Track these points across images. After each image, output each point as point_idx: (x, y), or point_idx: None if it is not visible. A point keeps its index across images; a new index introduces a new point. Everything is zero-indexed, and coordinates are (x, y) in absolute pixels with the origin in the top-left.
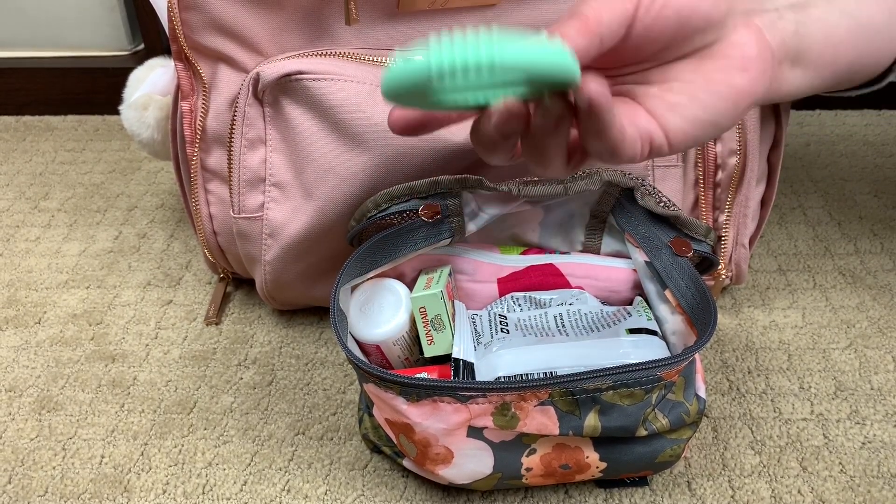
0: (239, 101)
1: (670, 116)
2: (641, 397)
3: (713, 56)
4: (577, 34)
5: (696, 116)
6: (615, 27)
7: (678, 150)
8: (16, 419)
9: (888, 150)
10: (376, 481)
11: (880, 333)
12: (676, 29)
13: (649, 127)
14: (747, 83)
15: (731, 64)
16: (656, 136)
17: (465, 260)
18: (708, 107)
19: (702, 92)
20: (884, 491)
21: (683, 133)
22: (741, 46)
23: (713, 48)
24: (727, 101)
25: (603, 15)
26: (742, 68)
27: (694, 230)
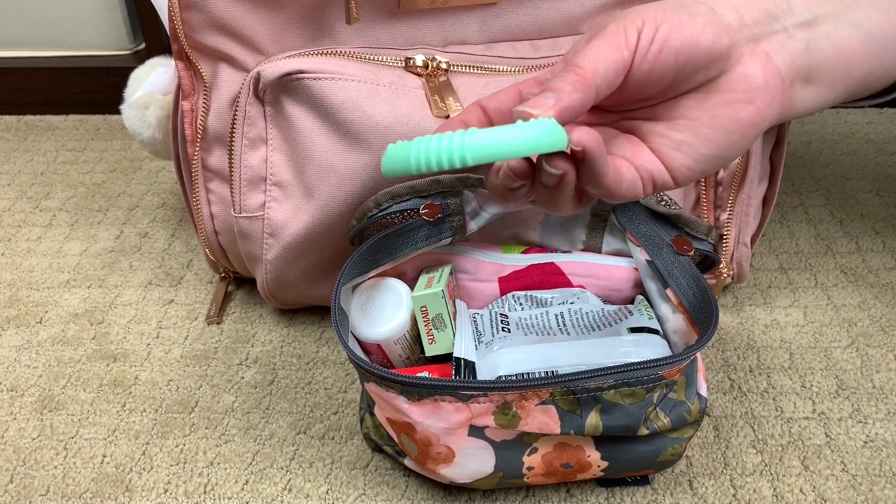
0: (240, 100)
1: (675, 155)
2: (643, 396)
3: (718, 90)
4: (571, 89)
5: (700, 154)
6: (611, 77)
7: (683, 184)
8: (17, 419)
9: (890, 149)
10: (378, 480)
11: (882, 332)
12: (677, 70)
13: (652, 167)
14: (754, 115)
15: (736, 97)
16: (659, 175)
17: (467, 259)
18: (713, 143)
19: (706, 129)
20: (886, 490)
21: (689, 170)
22: (746, 78)
23: (718, 81)
24: (733, 134)
25: (598, 67)
26: (747, 101)
27: (695, 229)
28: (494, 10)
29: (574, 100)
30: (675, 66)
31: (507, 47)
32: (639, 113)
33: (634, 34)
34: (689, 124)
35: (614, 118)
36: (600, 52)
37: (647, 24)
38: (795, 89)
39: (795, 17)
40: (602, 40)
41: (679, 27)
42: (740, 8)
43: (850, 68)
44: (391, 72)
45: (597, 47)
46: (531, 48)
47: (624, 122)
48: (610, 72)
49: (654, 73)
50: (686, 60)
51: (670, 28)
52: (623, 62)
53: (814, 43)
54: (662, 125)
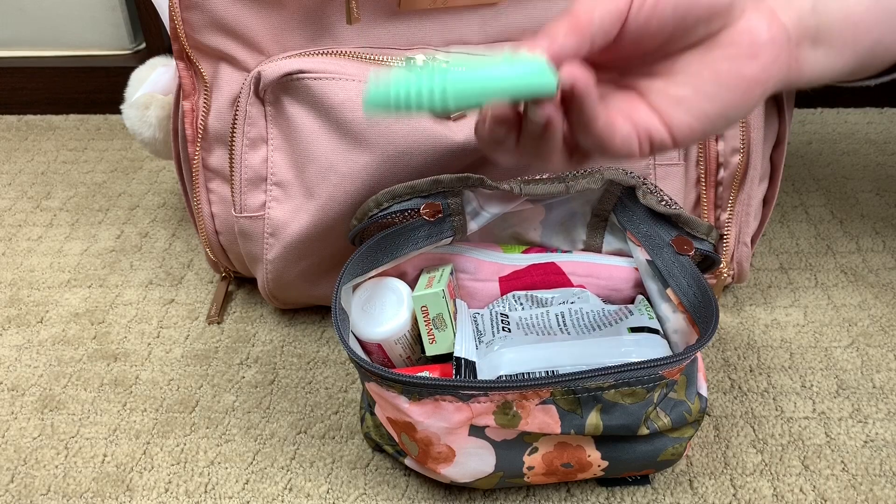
0: (240, 100)
1: (674, 111)
2: (643, 396)
3: (720, 44)
4: (566, 34)
5: (702, 110)
6: (607, 26)
7: (684, 145)
8: (18, 418)
9: (890, 149)
10: (378, 480)
11: (882, 332)
12: (676, 22)
13: (649, 124)
14: (758, 71)
15: (739, 52)
16: (656, 132)
17: (467, 259)
18: (715, 99)
19: (708, 84)
20: (886, 489)
21: (689, 128)
22: (750, 32)
23: (720, 36)
24: (736, 91)
25: (594, 14)
26: (751, 55)
27: (696, 229)
28: (495, 11)
29: (568, 44)
30: (673, 16)
31: (507, 47)
32: (637, 70)
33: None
34: (690, 79)
35: (612, 76)
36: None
37: None
38: (803, 50)
39: None
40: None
41: None
42: None
43: (857, 33)
44: None
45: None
46: None
47: (621, 80)
48: (606, 20)
49: (651, 24)
50: (685, 12)
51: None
52: (619, 11)
53: (821, 3)
54: (661, 80)
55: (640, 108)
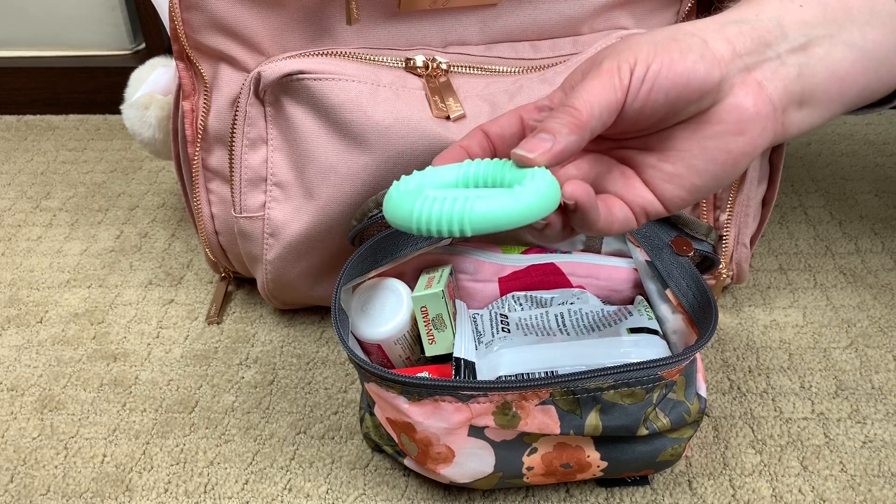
0: (240, 100)
1: (667, 186)
2: (642, 396)
3: (709, 122)
4: (568, 132)
5: (692, 185)
6: (605, 117)
7: (675, 211)
8: (18, 418)
9: (889, 150)
10: (377, 480)
11: (881, 333)
12: (668, 106)
13: (644, 201)
14: (744, 145)
15: (726, 129)
16: (651, 208)
17: (467, 259)
18: (704, 174)
19: (697, 160)
20: (884, 490)
21: (681, 199)
22: (737, 110)
23: (709, 113)
24: (725, 165)
25: (594, 108)
26: (738, 132)
27: (695, 229)
28: (494, 11)
29: (570, 142)
30: (665, 102)
31: (507, 48)
32: (632, 143)
33: (627, 73)
34: (681, 156)
35: (609, 145)
36: (595, 93)
37: (639, 63)
38: (789, 114)
39: (789, 43)
40: (597, 80)
41: (669, 65)
42: (733, 38)
43: (844, 87)
44: (391, 72)
45: (592, 87)
46: (531, 49)
47: (618, 150)
48: (604, 112)
49: (645, 109)
50: (677, 97)
51: (660, 66)
52: (616, 102)
53: (807, 67)
54: (655, 157)
55: (635, 185)
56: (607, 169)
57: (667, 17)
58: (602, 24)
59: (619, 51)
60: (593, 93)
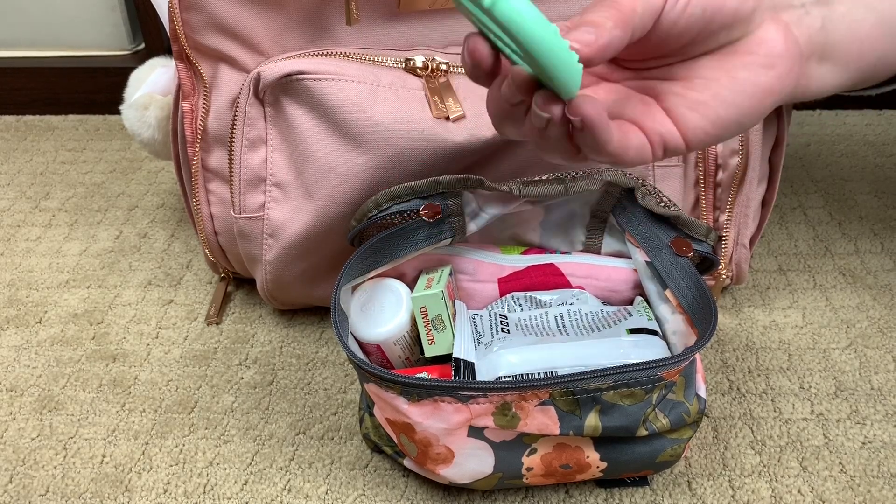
0: (240, 100)
1: (690, 115)
2: (642, 397)
3: (739, 52)
4: (613, 25)
5: (717, 115)
6: (647, 20)
7: (697, 149)
8: (17, 419)
9: (888, 150)
10: (377, 481)
11: (880, 333)
12: (702, 24)
13: (664, 129)
14: (773, 81)
15: (756, 60)
16: (671, 138)
17: (466, 260)
18: (731, 105)
19: (725, 90)
20: (884, 491)
21: (704, 132)
22: (767, 43)
23: (739, 44)
24: (751, 98)
25: (637, 5)
26: (768, 65)
27: (694, 230)
28: None
29: (615, 37)
30: (700, 19)
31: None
32: (655, 72)
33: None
34: (707, 84)
35: (629, 76)
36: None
37: None
38: (811, 65)
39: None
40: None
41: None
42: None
43: (863, 50)
44: (391, 73)
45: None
46: None
47: (639, 81)
48: (646, 13)
49: (679, 23)
50: (712, 16)
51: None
52: (657, 5)
53: (829, 21)
54: (679, 84)
55: (655, 113)
56: (626, 97)
57: None
58: None
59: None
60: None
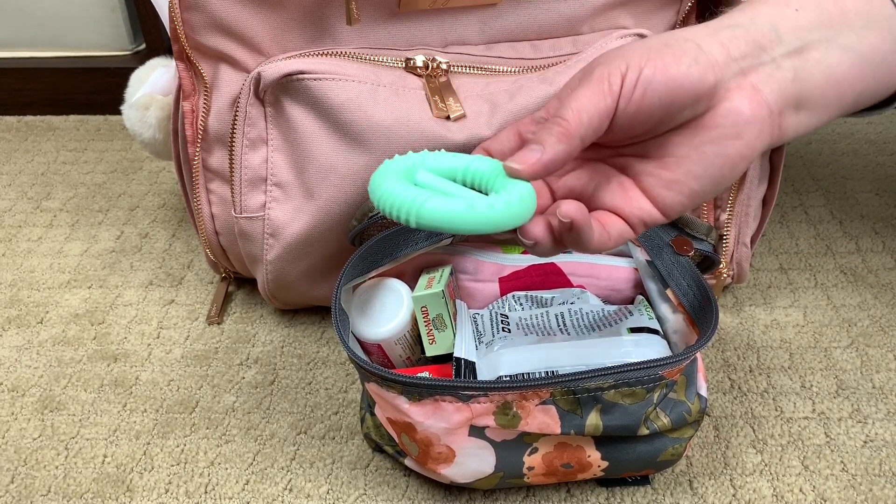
0: (240, 100)
1: (666, 194)
2: (643, 396)
3: (705, 126)
4: (556, 141)
5: (692, 190)
6: (596, 124)
7: (674, 217)
8: (18, 419)
9: (890, 149)
10: (378, 480)
11: (882, 332)
12: (663, 111)
13: (642, 213)
14: (741, 149)
15: (723, 133)
16: (649, 217)
17: (467, 259)
18: (703, 178)
19: (696, 166)
20: (885, 489)
21: (681, 205)
22: (733, 114)
23: (705, 117)
24: (722, 169)
25: (582, 116)
26: (735, 136)
27: (695, 229)
28: (495, 11)
29: (558, 151)
30: (660, 106)
31: (507, 48)
32: (630, 149)
33: (618, 80)
34: (678, 162)
35: (607, 153)
36: (584, 102)
37: (630, 69)
38: (786, 117)
39: (784, 47)
40: (587, 88)
41: (663, 69)
42: (727, 42)
43: (841, 91)
44: (391, 72)
45: (581, 96)
46: (531, 49)
47: (616, 158)
48: (594, 120)
49: (640, 114)
50: (671, 101)
51: (653, 70)
52: (607, 109)
53: (802, 71)
54: (652, 164)
55: (633, 196)
56: (606, 180)
57: (667, 16)
58: (602, 24)
59: (610, 59)
60: (582, 101)
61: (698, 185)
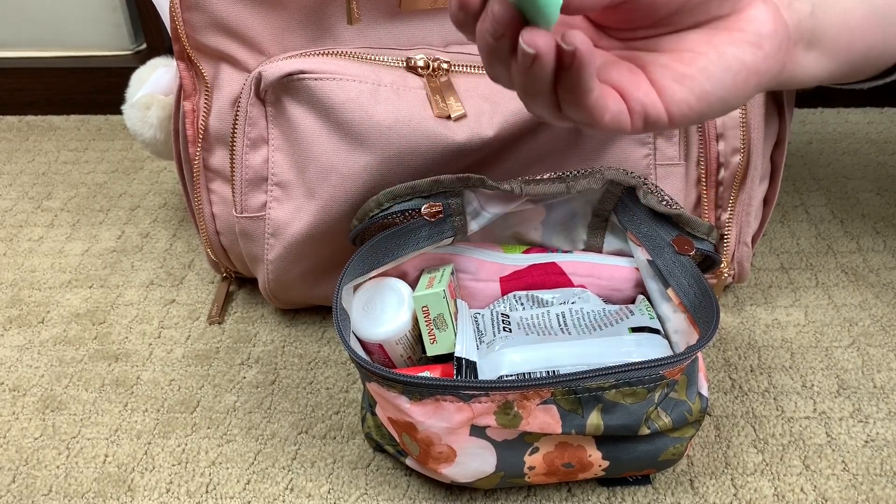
0: (241, 100)
1: (676, 88)
2: (644, 396)
3: (727, 28)
4: None
5: (703, 90)
6: None
7: (679, 124)
8: (20, 418)
9: (891, 148)
10: (379, 480)
11: (883, 331)
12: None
13: (647, 101)
14: (759, 60)
15: (744, 38)
16: (653, 110)
17: (468, 259)
18: (717, 80)
19: (713, 64)
20: (886, 489)
21: (688, 107)
22: (756, 21)
23: (728, 19)
24: (737, 76)
25: None
26: (756, 44)
27: (696, 228)
28: None
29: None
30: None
31: None
32: (643, 43)
33: None
34: (695, 57)
35: (617, 45)
36: None
37: None
38: (798, 51)
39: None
40: None
41: None
42: None
43: (853, 39)
44: (392, 72)
45: None
46: None
47: (627, 51)
48: None
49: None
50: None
51: None
52: None
53: (820, 9)
54: (667, 56)
55: (640, 82)
56: (612, 61)
57: None
58: None
59: None
60: None
61: (710, 86)
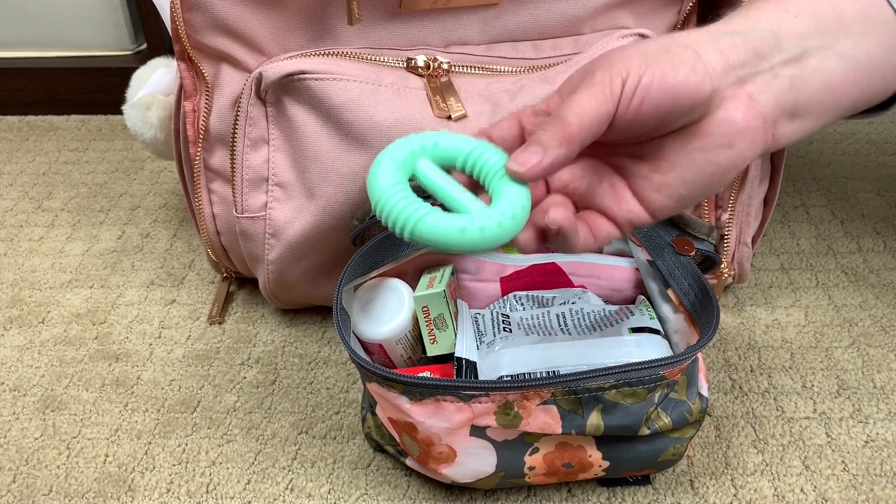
0: (242, 100)
1: (655, 196)
2: (644, 396)
3: (699, 133)
4: (558, 144)
5: (680, 195)
6: (596, 128)
7: (661, 219)
8: (20, 418)
9: (891, 149)
10: (379, 480)
11: (883, 332)
12: (659, 117)
13: (631, 215)
14: (732, 157)
15: (715, 141)
16: (637, 218)
17: (468, 259)
18: (692, 184)
19: (686, 172)
20: (886, 489)
21: (668, 208)
22: (725, 123)
23: (700, 124)
24: (712, 176)
25: (584, 121)
26: (727, 145)
27: (696, 229)
28: (496, 11)
29: (558, 155)
30: (656, 113)
31: (508, 48)
32: (626, 150)
33: (619, 85)
34: (670, 166)
35: (603, 151)
36: (586, 106)
37: (631, 75)
38: (780, 125)
39: (783, 54)
40: (589, 92)
41: (661, 77)
42: (726, 50)
43: (836, 98)
44: (393, 72)
45: (583, 100)
46: (532, 48)
47: (612, 156)
48: (594, 125)
49: (637, 120)
50: (668, 109)
51: (652, 78)
52: (607, 113)
53: (799, 80)
54: (646, 166)
55: (624, 197)
56: (598, 180)
57: (668, 16)
58: (603, 24)
59: (612, 62)
60: (584, 105)
61: (686, 190)
